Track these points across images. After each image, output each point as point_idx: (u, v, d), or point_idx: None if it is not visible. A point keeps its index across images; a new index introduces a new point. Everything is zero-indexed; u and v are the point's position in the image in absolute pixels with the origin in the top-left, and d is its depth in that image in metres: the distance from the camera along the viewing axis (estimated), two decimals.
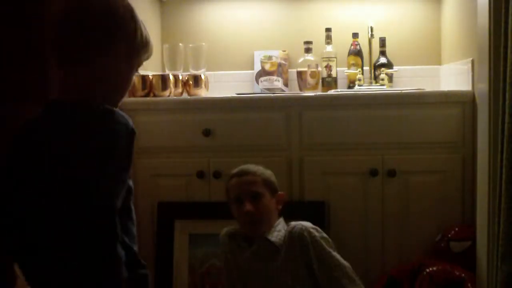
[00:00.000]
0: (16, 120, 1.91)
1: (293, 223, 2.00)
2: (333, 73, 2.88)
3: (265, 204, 1.99)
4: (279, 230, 1.98)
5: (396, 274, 2.26)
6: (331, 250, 1.93)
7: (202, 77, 2.66)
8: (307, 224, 1.99)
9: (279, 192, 2.06)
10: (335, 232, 2.32)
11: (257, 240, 1.98)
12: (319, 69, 2.87)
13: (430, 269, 2.17)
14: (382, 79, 2.80)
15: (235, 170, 2.06)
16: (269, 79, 2.96)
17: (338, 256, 1.93)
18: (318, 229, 1.98)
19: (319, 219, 2.26)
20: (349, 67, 2.91)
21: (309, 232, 1.94)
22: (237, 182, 2.01)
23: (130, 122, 1.25)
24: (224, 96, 2.64)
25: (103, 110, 1.21)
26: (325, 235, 1.97)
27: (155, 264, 2.38)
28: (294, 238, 1.94)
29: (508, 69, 1.77)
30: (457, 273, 2.13)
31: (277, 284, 1.92)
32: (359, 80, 2.83)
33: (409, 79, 2.93)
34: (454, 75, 2.64)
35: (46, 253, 1.17)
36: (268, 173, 2.05)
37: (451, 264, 2.18)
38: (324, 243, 1.93)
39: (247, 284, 1.98)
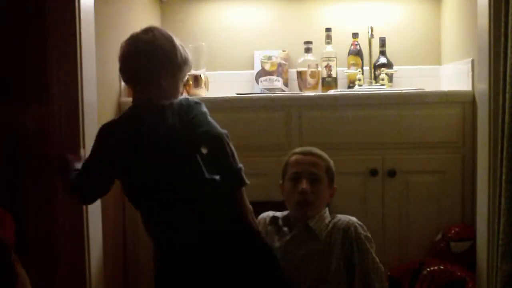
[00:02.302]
0: (16, 120, 1.92)
1: (339, 215, 1.94)
2: (333, 73, 2.88)
3: (321, 190, 1.92)
4: (322, 220, 1.91)
5: (396, 274, 2.26)
6: (372, 251, 1.89)
7: (202, 77, 2.66)
8: (354, 219, 1.93)
9: (334, 186, 2.00)
10: None
11: (298, 225, 1.91)
12: (319, 69, 2.87)
13: (431, 269, 2.17)
14: (382, 79, 2.80)
15: (299, 148, 2.02)
16: (269, 79, 2.96)
17: (377, 259, 1.89)
18: (364, 227, 1.93)
19: None
20: (349, 67, 2.91)
21: (355, 228, 1.89)
22: (299, 159, 1.95)
23: None
24: (224, 96, 2.64)
25: None
26: (369, 234, 1.92)
27: (156, 264, 2.38)
28: (338, 230, 1.88)
29: (508, 69, 1.77)
30: (458, 273, 2.13)
31: (307, 272, 1.86)
32: (359, 80, 2.83)
33: (409, 79, 2.93)
34: (454, 75, 2.64)
35: None
36: (331, 162, 1.99)
37: (452, 264, 2.18)
38: (367, 243, 1.88)
39: None
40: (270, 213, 2.03)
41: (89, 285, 1.94)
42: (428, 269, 2.17)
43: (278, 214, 2.02)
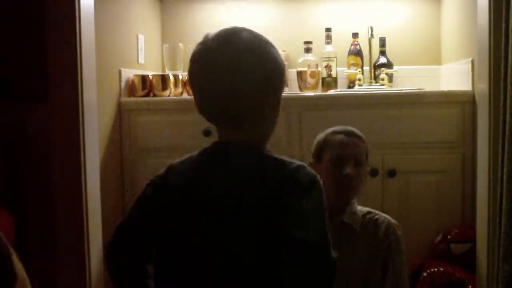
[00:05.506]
0: (16, 120, 1.92)
1: (374, 211, 1.76)
2: (333, 73, 2.88)
3: (363, 174, 1.74)
4: (355, 212, 1.73)
5: None
6: (404, 258, 1.72)
7: None
8: (391, 219, 1.74)
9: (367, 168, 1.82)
10: None
11: (333, 221, 1.65)
12: (319, 69, 2.87)
13: (430, 270, 2.17)
14: (382, 79, 2.80)
15: (338, 127, 1.76)
16: None
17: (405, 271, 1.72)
18: (399, 227, 1.74)
19: None
20: (349, 67, 2.91)
21: (394, 230, 1.71)
22: (343, 140, 1.72)
23: None
24: None
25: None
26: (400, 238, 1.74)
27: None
28: (378, 233, 1.71)
29: (509, 69, 1.77)
30: (458, 275, 2.13)
31: (346, 276, 1.63)
32: (359, 80, 2.83)
33: (409, 79, 2.93)
34: (454, 75, 2.64)
35: None
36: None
37: (451, 266, 2.18)
38: (403, 249, 1.71)
39: None
40: None
41: (89, 285, 1.94)
42: (427, 270, 2.17)
43: None
